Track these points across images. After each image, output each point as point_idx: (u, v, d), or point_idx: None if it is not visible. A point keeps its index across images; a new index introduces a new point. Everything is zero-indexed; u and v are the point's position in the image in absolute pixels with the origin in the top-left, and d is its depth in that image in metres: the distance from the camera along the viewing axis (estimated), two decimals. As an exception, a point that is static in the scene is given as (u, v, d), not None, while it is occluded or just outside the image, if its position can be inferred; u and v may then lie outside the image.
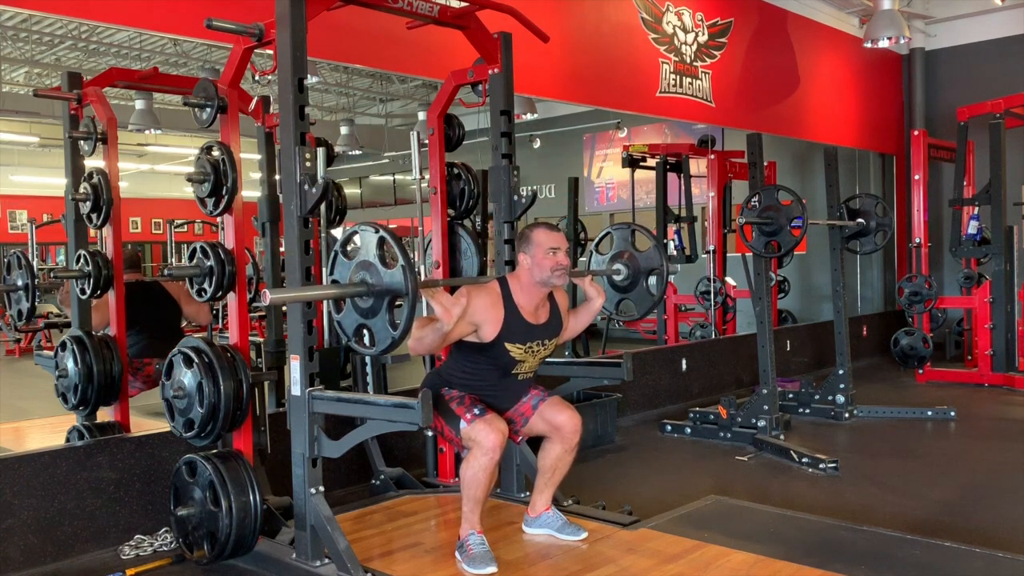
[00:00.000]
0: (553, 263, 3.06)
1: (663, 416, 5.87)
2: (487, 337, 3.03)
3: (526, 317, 3.09)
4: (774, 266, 7.75)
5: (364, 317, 2.82)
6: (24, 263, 4.14)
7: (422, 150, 4.04)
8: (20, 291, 4.12)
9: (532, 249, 3.08)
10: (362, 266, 2.79)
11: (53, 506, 3.36)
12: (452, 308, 2.84)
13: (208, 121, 3.39)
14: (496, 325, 3.02)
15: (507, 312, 3.05)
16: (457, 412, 2.98)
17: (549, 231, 3.11)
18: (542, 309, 3.16)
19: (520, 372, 3.16)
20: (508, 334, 3.04)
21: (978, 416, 5.97)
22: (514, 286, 3.12)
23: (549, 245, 3.06)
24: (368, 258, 2.78)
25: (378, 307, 2.77)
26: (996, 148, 7.14)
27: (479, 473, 2.92)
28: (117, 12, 4.09)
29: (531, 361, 3.16)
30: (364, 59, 5.12)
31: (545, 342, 3.17)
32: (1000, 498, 4.12)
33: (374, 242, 2.75)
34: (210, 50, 10.71)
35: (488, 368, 3.10)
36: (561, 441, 3.20)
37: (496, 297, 3.07)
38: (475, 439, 2.92)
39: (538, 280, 3.08)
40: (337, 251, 2.89)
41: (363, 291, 2.77)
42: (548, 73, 5.96)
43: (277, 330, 4.58)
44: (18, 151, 15.65)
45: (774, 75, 8.07)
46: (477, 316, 2.99)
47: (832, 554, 3.02)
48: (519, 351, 3.08)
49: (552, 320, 3.19)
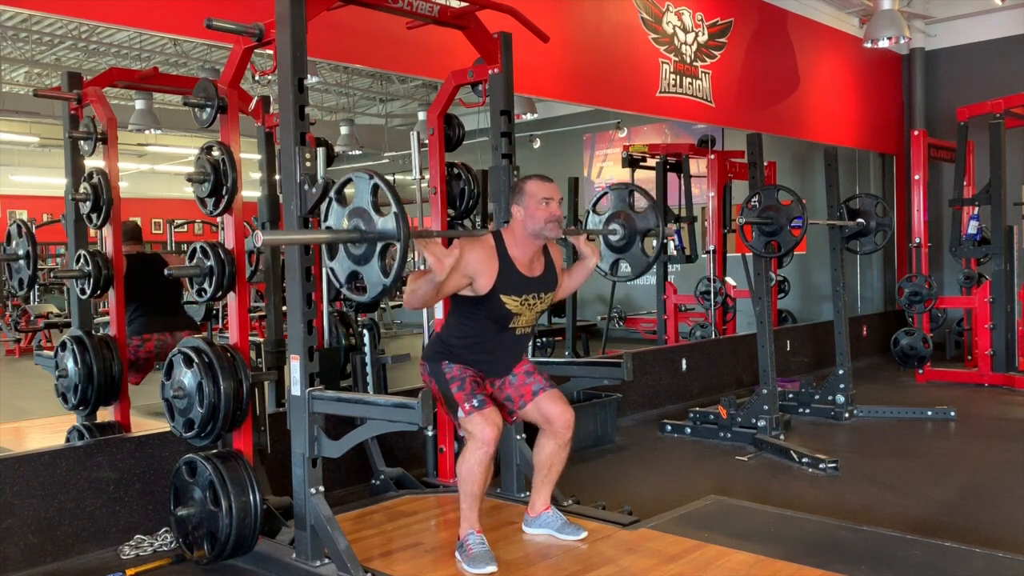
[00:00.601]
0: (547, 214, 3.04)
1: (663, 416, 5.87)
2: (482, 289, 3.01)
3: (520, 269, 3.08)
4: (774, 266, 7.75)
5: (357, 264, 2.78)
6: (25, 231, 4.14)
7: (422, 150, 4.05)
8: (21, 260, 4.13)
9: (525, 200, 3.06)
10: (356, 213, 2.76)
11: (53, 506, 3.36)
12: (445, 259, 2.81)
13: (208, 121, 3.39)
14: (491, 276, 3.00)
15: (501, 264, 3.03)
16: (456, 399, 2.98)
17: (542, 181, 3.09)
18: (536, 262, 3.14)
19: (517, 326, 3.13)
20: (503, 286, 3.02)
21: (978, 416, 5.97)
22: (508, 239, 3.10)
23: (542, 195, 3.04)
24: (362, 205, 2.74)
25: (370, 253, 2.73)
26: (996, 148, 7.14)
27: (475, 467, 2.93)
28: (117, 12, 4.09)
29: (527, 314, 3.13)
30: (364, 59, 5.12)
31: (541, 295, 3.14)
32: (1000, 498, 4.12)
33: (368, 189, 2.72)
34: (210, 50, 10.70)
35: (485, 322, 3.08)
36: (553, 436, 3.20)
37: (490, 249, 3.05)
38: (471, 431, 2.94)
39: (531, 232, 3.06)
40: (332, 197, 2.85)
41: (356, 237, 2.74)
42: (548, 73, 5.96)
43: (277, 330, 4.58)
44: (18, 151, 15.65)
45: (774, 75, 8.07)
46: (471, 267, 2.97)
47: (832, 554, 3.02)
48: (515, 303, 3.06)
49: (547, 274, 3.17)
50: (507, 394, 3.21)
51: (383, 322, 11.85)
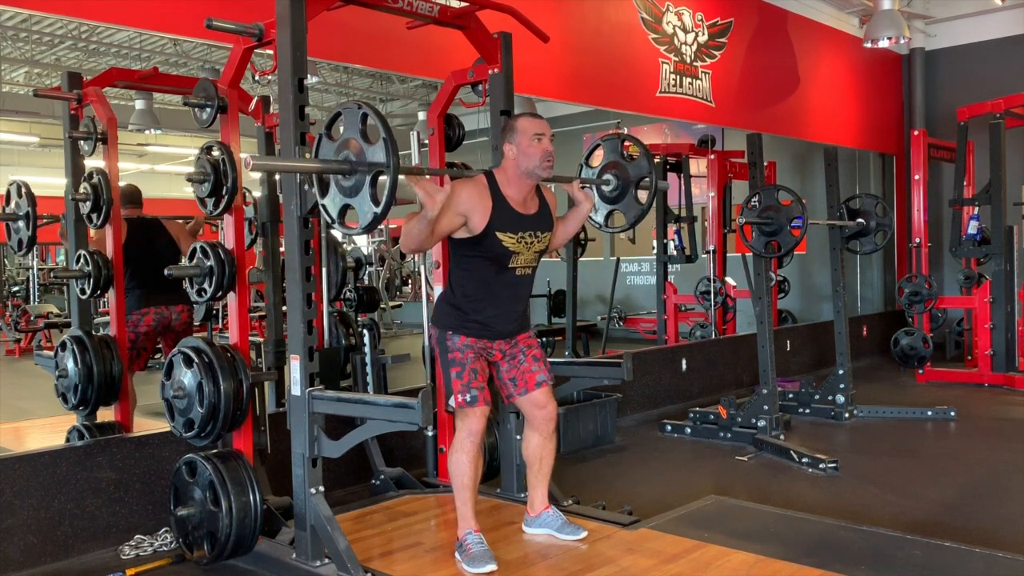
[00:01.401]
0: (540, 150, 3.01)
1: (663, 416, 5.87)
2: (477, 228, 2.98)
3: (515, 207, 3.05)
4: (774, 266, 7.75)
5: (348, 196, 2.75)
6: (25, 191, 4.14)
7: (422, 150, 4.05)
8: (21, 220, 4.13)
9: (517, 137, 3.03)
10: (345, 145, 2.73)
11: (53, 506, 3.36)
12: (436, 194, 2.78)
13: (208, 121, 3.39)
14: (484, 215, 2.97)
15: (495, 202, 3.01)
16: (453, 386, 3.01)
17: (533, 118, 3.07)
18: (531, 201, 3.12)
19: (517, 265, 3.09)
20: (497, 223, 2.99)
21: (978, 416, 5.97)
22: (500, 178, 3.07)
23: (534, 131, 3.02)
24: (351, 135, 2.71)
25: (360, 184, 2.70)
26: (996, 148, 7.14)
27: (462, 457, 2.97)
28: (117, 12, 4.09)
29: (526, 253, 3.09)
30: (364, 59, 5.12)
31: (537, 233, 3.11)
32: (1000, 498, 4.12)
33: (357, 119, 2.69)
34: (210, 50, 10.70)
35: (484, 263, 3.04)
36: (536, 428, 3.20)
37: (483, 187, 3.03)
38: (459, 421, 3.00)
39: (524, 170, 3.04)
40: (322, 134, 2.82)
41: (346, 168, 2.72)
42: (548, 73, 5.96)
43: (277, 330, 4.58)
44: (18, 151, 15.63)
45: (774, 75, 8.08)
46: (464, 205, 2.95)
47: (832, 554, 3.02)
48: (512, 241, 3.03)
49: (542, 212, 3.15)
50: (513, 376, 3.19)
51: (383, 322, 11.85)
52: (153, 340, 4.68)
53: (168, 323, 4.66)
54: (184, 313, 4.70)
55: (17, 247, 4.28)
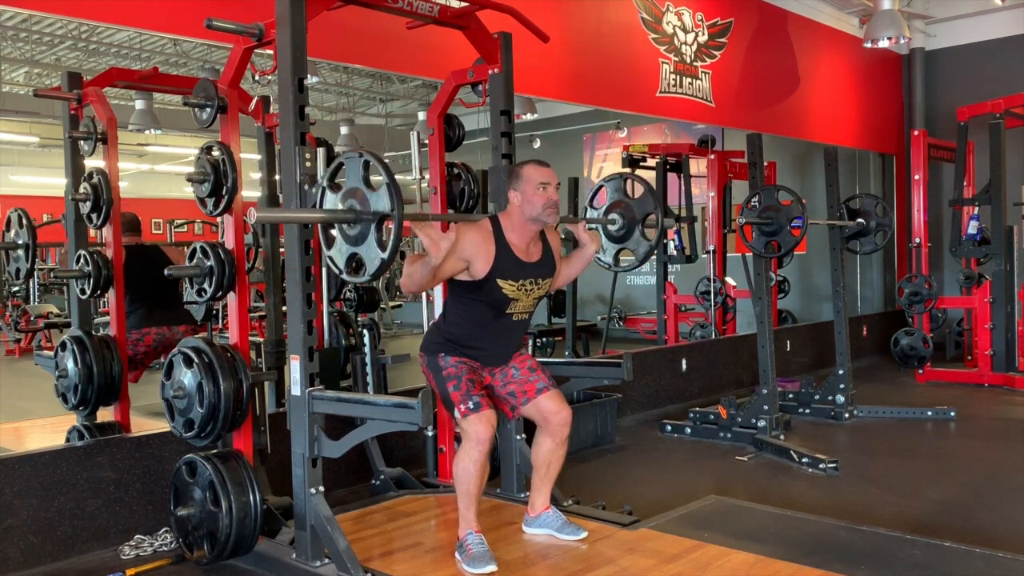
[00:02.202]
0: (544, 199, 3.03)
1: (663, 416, 5.87)
2: (479, 273, 3.00)
3: (518, 254, 3.07)
4: (774, 266, 7.75)
5: (354, 245, 2.76)
6: (25, 222, 4.13)
7: (422, 150, 4.05)
8: (20, 250, 4.12)
9: (522, 185, 3.05)
10: (349, 193, 2.74)
11: (53, 506, 3.36)
12: (441, 242, 2.81)
13: (208, 121, 3.39)
14: (487, 260, 3.00)
15: (498, 248, 3.03)
16: (452, 398, 2.99)
17: (539, 166, 3.09)
18: (534, 247, 3.13)
19: (514, 312, 3.12)
20: (500, 270, 3.01)
21: (978, 416, 5.97)
22: (505, 224, 3.09)
23: (539, 180, 3.04)
24: (354, 184, 2.72)
25: (366, 231, 2.71)
26: (996, 148, 7.14)
27: (470, 466, 2.94)
28: (117, 12, 4.09)
29: (525, 300, 3.12)
30: (364, 59, 5.12)
31: (538, 281, 3.13)
32: (1000, 498, 4.12)
33: (359, 167, 2.71)
34: (210, 50, 10.70)
35: (482, 307, 3.07)
36: (550, 434, 3.20)
37: (487, 233, 3.04)
38: (466, 431, 2.95)
39: (529, 217, 3.06)
40: (324, 186, 2.83)
41: (351, 217, 2.72)
42: (548, 73, 5.96)
43: (277, 330, 4.58)
44: (18, 151, 15.64)
45: (774, 75, 8.07)
46: (467, 251, 2.97)
47: (832, 554, 3.02)
48: (511, 288, 3.05)
49: (545, 259, 3.16)
50: (511, 390, 3.21)
51: (383, 322, 11.85)
52: (153, 359, 4.66)
53: (170, 343, 4.57)
54: (188, 333, 4.66)
55: (15, 275, 4.24)
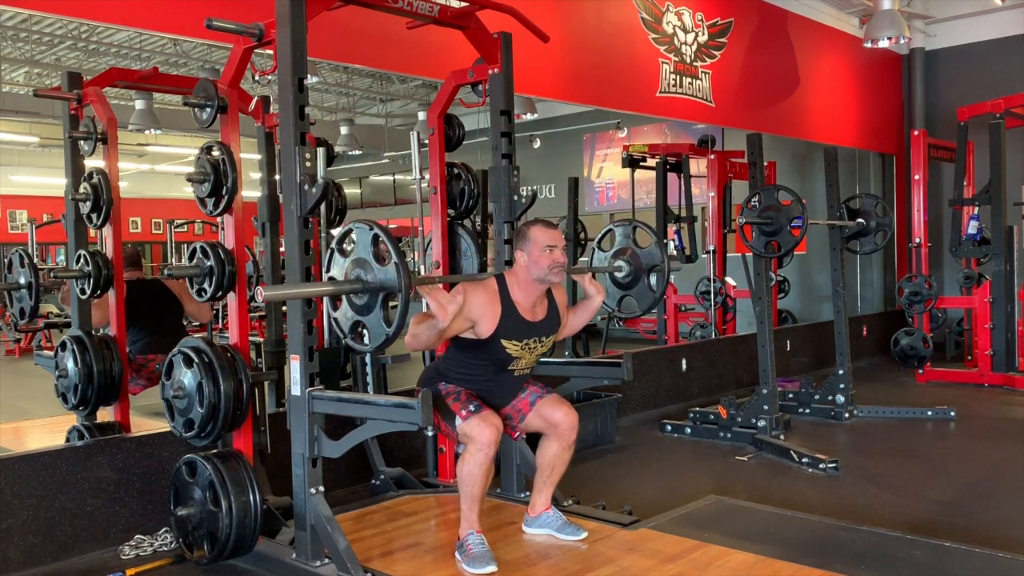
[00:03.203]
0: (550, 261, 3.06)
1: (663, 416, 5.87)
2: (483, 334, 3.03)
3: (523, 314, 3.10)
4: (774, 266, 7.75)
5: (360, 314, 2.83)
6: (27, 262, 4.12)
7: (422, 150, 4.04)
8: (23, 289, 4.11)
9: (529, 247, 3.08)
10: (357, 264, 2.80)
11: (53, 506, 3.36)
12: (448, 306, 2.84)
13: (208, 121, 3.39)
14: (493, 322, 3.03)
15: (504, 309, 3.06)
16: (453, 408, 2.99)
17: (546, 228, 3.11)
18: (539, 306, 3.16)
19: (517, 368, 3.16)
20: (504, 331, 3.05)
21: (978, 416, 5.97)
22: (511, 283, 3.12)
23: (546, 243, 3.06)
24: (363, 256, 2.78)
25: (373, 304, 2.78)
26: (996, 148, 7.14)
27: (475, 469, 2.93)
28: (117, 12, 4.09)
29: (528, 358, 3.16)
30: (364, 59, 5.12)
31: (542, 339, 3.17)
32: (1000, 498, 4.12)
33: (368, 240, 2.76)
34: (210, 50, 10.71)
35: (484, 364, 3.11)
36: (558, 438, 3.20)
37: (493, 294, 3.07)
38: (470, 435, 2.93)
39: (535, 277, 3.09)
40: (333, 249, 2.90)
41: (358, 288, 2.78)
42: (548, 73, 5.96)
43: (277, 330, 4.59)
44: (18, 151, 15.65)
45: (774, 75, 8.07)
46: (474, 313, 3.00)
47: (832, 554, 3.02)
48: (515, 348, 3.09)
49: (550, 317, 3.20)
50: (506, 413, 3.22)
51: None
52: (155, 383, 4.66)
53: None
54: None
55: (20, 316, 4.21)
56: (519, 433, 3.34)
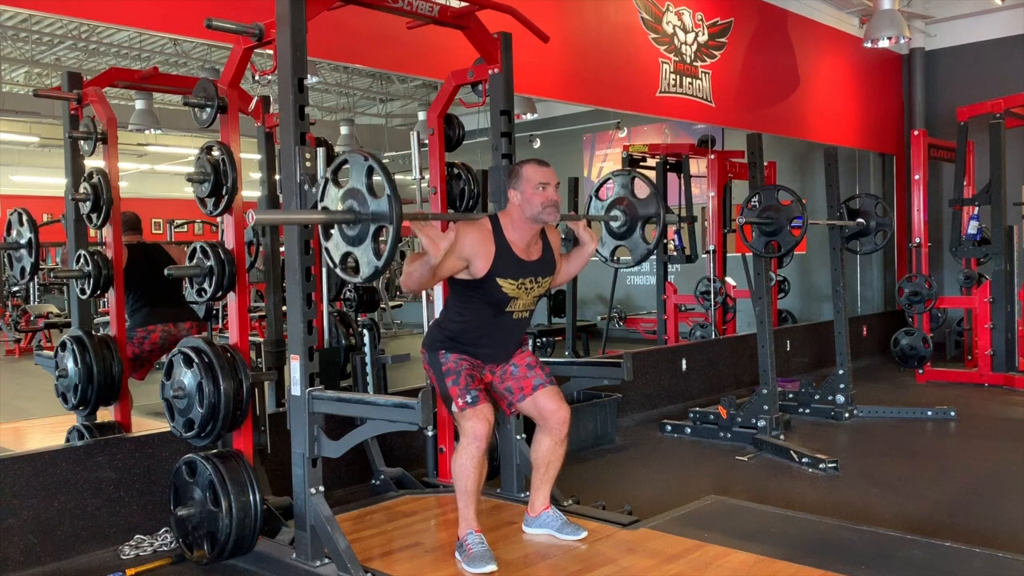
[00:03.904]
0: (543, 198, 3.04)
1: (663, 416, 5.87)
2: (478, 272, 3.01)
3: (517, 253, 3.07)
4: (774, 266, 7.75)
5: (351, 245, 2.78)
6: (26, 218, 4.13)
7: (422, 150, 4.05)
8: (23, 249, 4.12)
9: (521, 185, 3.06)
10: (350, 194, 2.76)
11: (53, 506, 3.36)
12: (440, 241, 2.80)
13: (208, 121, 3.39)
14: (487, 260, 3.01)
15: (498, 247, 3.03)
16: (451, 393, 3.00)
17: (538, 166, 3.10)
18: (534, 246, 3.14)
19: (514, 310, 3.12)
20: (499, 269, 3.02)
21: (978, 416, 5.97)
22: (505, 223, 3.10)
23: (538, 180, 3.05)
24: (356, 186, 2.74)
25: (364, 235, 2.73)
26: (996, 148, 7.14)
27: (467, 462, 2.95)
28: (117, 12, 4.09)
29: (525, 298, 3.12)
30: (364, 59, 5.12)
31: (538, 279, 3.14)
32: (1000, 498, 4.12)
33: (363, 171, 2.72)
34: (210, 50, 10.71)
35: (482, 306, 3.08)
36: (549, 432, 3.20)
37: (486, 232, 3.05)
38: (463, 427, 2.96)
39: (528, 216, 3.07)
40: (328, 178, 2.85)
41: (350, 218, 2.74)
42: (548, 73, 5.96)
43: (277, 330, 4.58)
44: (18, 151, 15.66)
45: (774, 75, 8.07)
46: (467, 250, 2.98)
47: (832, 554, 3.02)
48: (511, 287, 3.06)
49: (545, 258, 3.17)
50: (508, 385, 3.21)
51: (383, 322, 11.85)
52: (159, 355, 4.65)
53: (175, 339, 4.56)
54: (193, 330, 4.66)
55: (20, 275, 4.22)
56: (513, 411, 3.33)
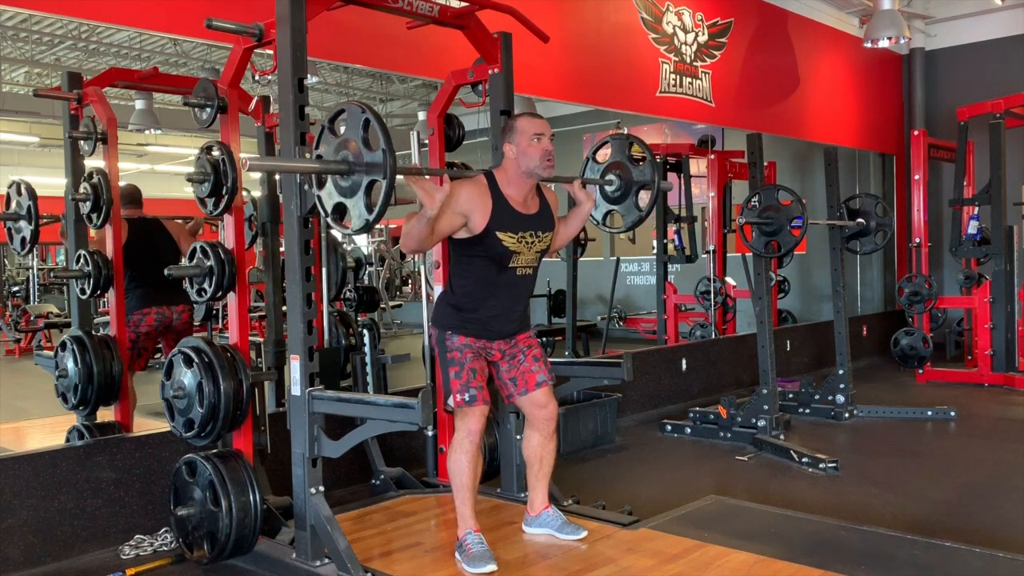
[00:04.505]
0: (540, 150, 3.02)
1: (663, 416, 5.87)
2: (477, 228, 2.98)
3: (515, 207, 3.05)
4: (774, 266, 7.75)
5: (344, 196, 2.76)
6: (25, 188, 4.13)
7: (422, 150, 4.04)
8: (23, 220, 4.13)
9: (516, 137, 3.04)
10: (345, 145, 2.74)
11: (53, 506, 3.36)
12: (435, 193, 2.77)
13: (208, 121, 3.39)
14: (484, 213, 2.98)
15: (495, 202, 3.01)
16: (452, 385, 3.01)
17: (532, 118, 3.07)
18: (531, 201, 3.12)
19: (518, 265, 3.09)
20: (498, 222, 2.99)
21: (978, 416, 5.97)
22: (500, 178, 3.07)
23: (533, 131, 3.02)
24: (351, 137, 2.72)
25: (357, 186, 2.72)
26: (996, 148, 7.14)
27: (461, 457, 2.97)
28: (117, 12, 4.09)
29: (527, 253, 3.09)
30: (364, 59, 5.12)
31: (539, 233, 3.11)
32: (1000, 498, 4.12)
33: (360, 123, 2.70)
34: (210, 50, 10.70)
35: (484, 263, 3.04)
36: (537, 428, 3.21)
37: (483, 187, 3.03)
38: (457, 421, 3.00)
39: (524, 170, 3.04)
40: (325, 126, 2.82)
41: (344, 169, 2.72)
42: (548, 73, 5.96)
43: (277, 330, 4.58)
44: (18, 151, 15.64)
45: (774, 75, 8.07)
46: (463, 205, 2.94)
47: (832, 554, 3.02)
48: (512, 240, 3.02)
49: (543, 212, 3.15)
50: (513, 376, 3.19)
51: (383, 322, 11.85)
52: (154, 340, 4.69)
53: (169, 323, 4.67)
54: (185, 313, 4.71)
55: (20, 246, 4.25)
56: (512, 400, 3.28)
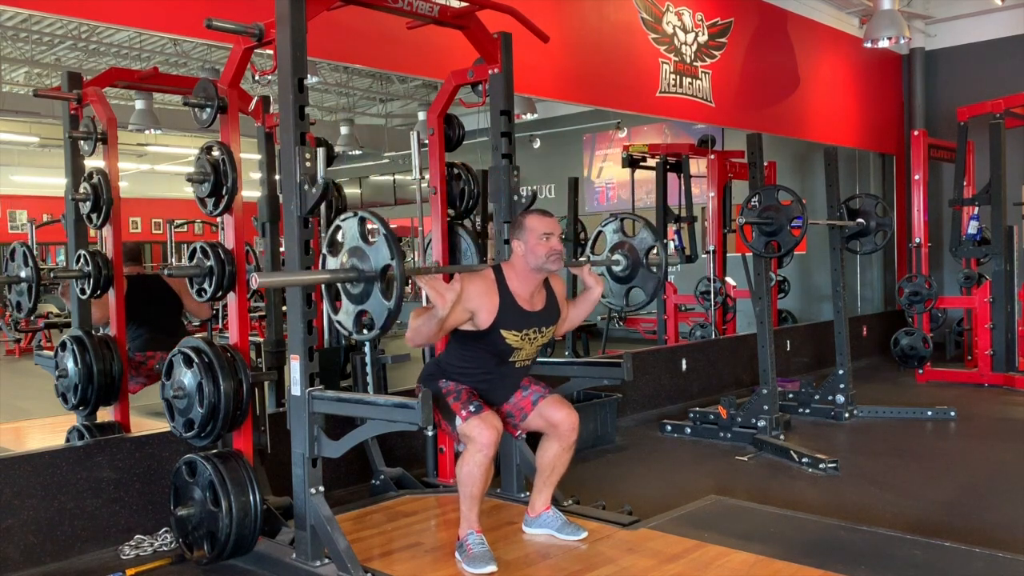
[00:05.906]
0: (547, 249, 3.05)
1: (663, 416, 5.87)
2: (482, 324, 3.02)
3: (521, 304, 3.09)
4: (774, 266, 7.75)
5: (360, 303, 2.81)
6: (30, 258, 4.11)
7: (422, 150, 4.04)
8: (23, 283, 4.11)
9: (525, 235, 3.08)
10: (350, 253, 2.79)
11: (53, 506, 3.36)
12: (446, 293, 2.83)
13: (208, 121, 3.39)
14: (491, 311, 3.02)
15: (502, 298, 3.05)
16: (453, 408, 2.98)
17: (542, 216, 3.11)
18: (538, 296, 3.15)
19: (517, 360, 3.15)
20: (503, 321, 3.04)
21: (978, 416, 5.97)
22: (508, 273, 3.11)
23: (542, 231, 3.06)
24: (353, 244, 2.76)
25: (370, 288, 2.76)
26: (996, 148, 7.14)
27: (474, 470, 2.93)
28: (117, 12, 4.09)
29: (528, 348, 3.15)
30: (364, 59, 5.12)
31: (542, 329, 3.15)
32: (1000, 498, 4.12)
33: (355, 225, 2.74)
34: (210, 50, 10.70)
35: (485, 356, 3.10)
36: (558, 439, 3.20)
37: (490, 283, 3.07)
38: (470, 435, 2.93)
39: (533, 267, 3.08)
40: (324, 253, 2.89)
41: (353, 276, 2.76)
42: (548, 73, 5.96)
43: (277, 330, 4.58)
44: (18, 151, 15.64)
45: (774, 75, 8.07)
46: (472, 302, 2.99)
47: (832, 554, 3.02)
48: (515, 338, 3.08)
49: (548, 307, 3.19)
50: (507, 411, 3.21)
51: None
52: (154, 381, 4.66)
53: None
54: None
55: (16, 308, 4.20)
56: (520, 432, 3.34)
